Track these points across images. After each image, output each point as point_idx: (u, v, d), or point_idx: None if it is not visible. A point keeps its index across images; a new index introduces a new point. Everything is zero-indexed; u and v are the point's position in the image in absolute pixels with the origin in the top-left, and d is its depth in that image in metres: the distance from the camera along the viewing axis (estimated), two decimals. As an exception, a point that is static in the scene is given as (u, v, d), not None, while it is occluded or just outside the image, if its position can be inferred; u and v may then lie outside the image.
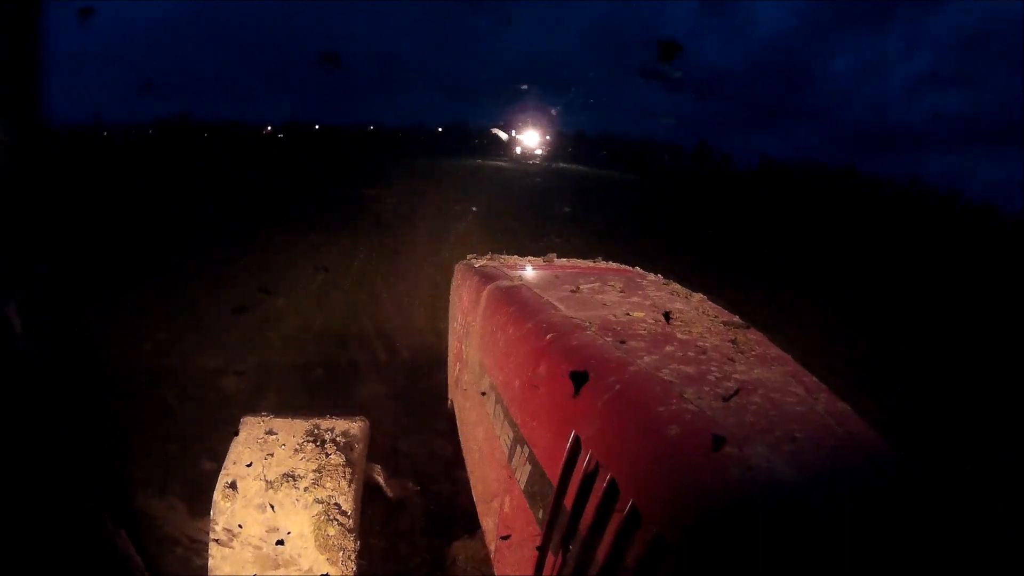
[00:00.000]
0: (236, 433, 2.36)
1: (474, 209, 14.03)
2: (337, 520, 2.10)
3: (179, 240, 9.71)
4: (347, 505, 2.14)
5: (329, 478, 2.17)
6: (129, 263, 8.03)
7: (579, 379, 1.58)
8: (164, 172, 19.04)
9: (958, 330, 8.30)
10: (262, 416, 2.43)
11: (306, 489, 2.14)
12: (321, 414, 2.48)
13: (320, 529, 2.08)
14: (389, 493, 2.51)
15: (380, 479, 2.48)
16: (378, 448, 2.48)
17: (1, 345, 1.75)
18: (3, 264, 1.78)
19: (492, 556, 1.98)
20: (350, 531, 2.10)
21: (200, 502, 2.60)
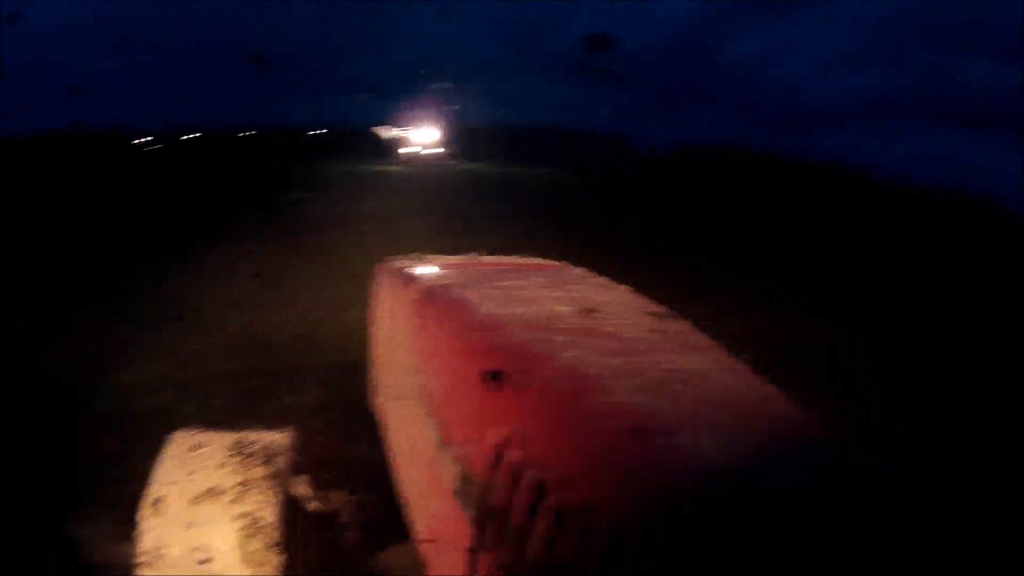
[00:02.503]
0: (162, 449, 2.29)
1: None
2: (261, 534, 2.05)
3: (99, 250, 9.24)
4: (271, 519, 2.10)
5: (253, 491, 2.12)
6: (49, 275, 7.63)
7: (492, 378, 1.59)
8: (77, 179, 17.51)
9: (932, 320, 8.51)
10: (189, 430, 2.37)
11: (230, 503, 2.09)
12: (248, 426, 2.42)
13: (244, 544, 2.03)
14: (317, 505, 2.46)
15: (307, 491, 2.44)
16: (306, 459, 2.44)
17: None
18: None
19: (425, 559, 1.97)
20: (274, 545, 2.06)
21: (128, 525, 2.50)
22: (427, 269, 2.92)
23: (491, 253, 3.48)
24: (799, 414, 1.39)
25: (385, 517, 2.77)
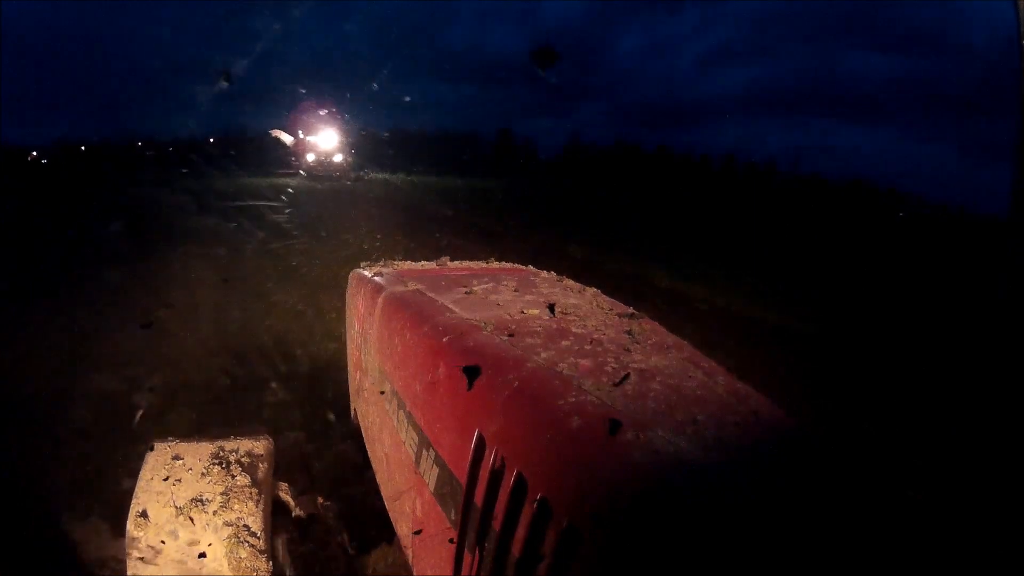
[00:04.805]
0: (140, 461, 2.30)
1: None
2: (248, 542, 2.09)
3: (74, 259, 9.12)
4: (256, 526, 2.13)
5: (237, 500, 2.15)
6: (25, 284, 7.53)
7: (472, 373, 1.61)
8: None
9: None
10: (168, 441, 2.38)
11: (215, 513, 2.12)
12: (225, 435, 2.45)
13: (232, 552, 2.05)
14: (299, 510, 2.49)
15: (288, 497, 2.46)
16: (285, 464, 2.45)
17: None
18: None
19: (410, 560, 1.99)
20: (261, 552, 2.10)
21: (122, 523, 2.51)
22: (398, 275, 2.93)
23: (453, 258, 3.51)
24: (772, 411, 1.41)
25: (370, 519, 2.80)
